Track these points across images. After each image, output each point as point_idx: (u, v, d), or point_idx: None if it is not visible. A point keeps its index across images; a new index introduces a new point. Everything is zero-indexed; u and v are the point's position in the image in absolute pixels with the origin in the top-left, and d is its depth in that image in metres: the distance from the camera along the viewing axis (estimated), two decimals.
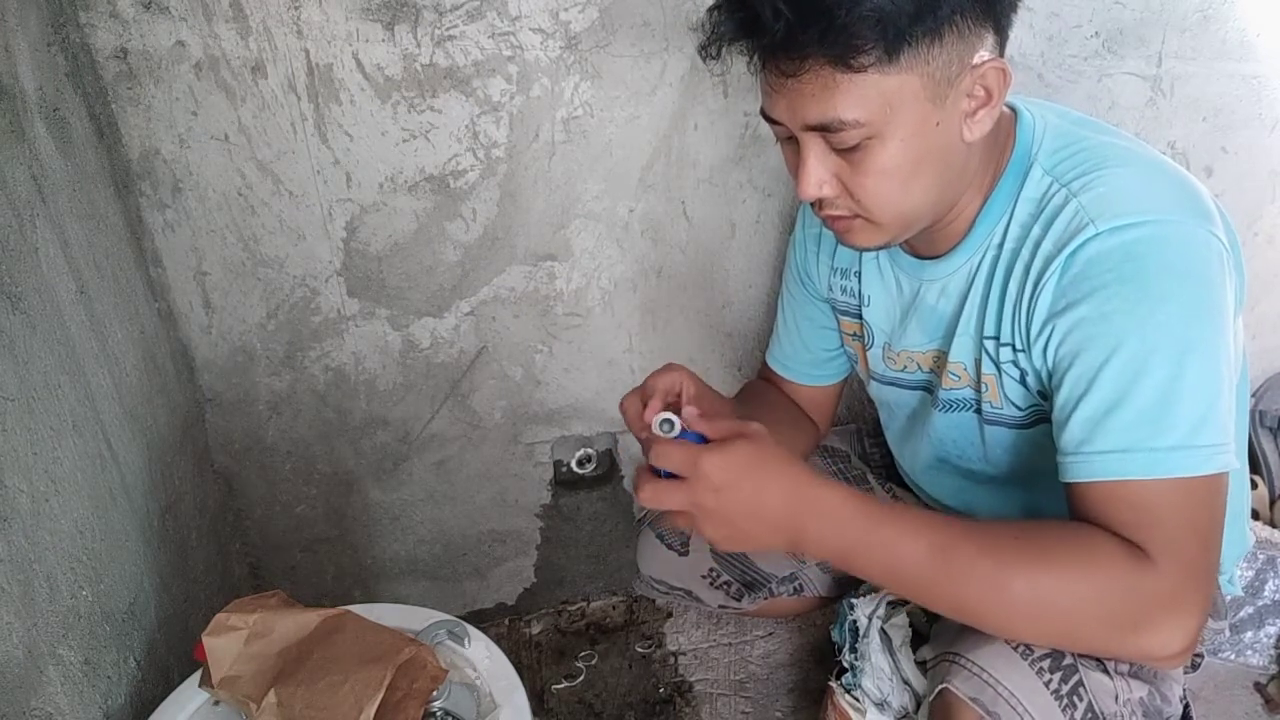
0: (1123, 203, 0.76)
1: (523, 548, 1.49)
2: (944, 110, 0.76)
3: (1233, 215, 1.43)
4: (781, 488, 0.73)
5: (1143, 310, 0.74)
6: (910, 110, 0.75)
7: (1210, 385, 0.74)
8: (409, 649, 0.86)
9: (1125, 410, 0.74)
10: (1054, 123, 0.86)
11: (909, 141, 0.77)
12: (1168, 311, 0.74)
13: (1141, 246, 0.74)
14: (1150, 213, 0.75)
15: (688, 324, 1.34)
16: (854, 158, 0.78)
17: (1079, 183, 0.80)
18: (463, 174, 1.14)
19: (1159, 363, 0.73)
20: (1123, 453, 0.74)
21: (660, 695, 1.42)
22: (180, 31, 0.99)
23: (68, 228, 0.91)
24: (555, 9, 1.07)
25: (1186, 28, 1.27)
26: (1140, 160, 0.81)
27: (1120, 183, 0.78)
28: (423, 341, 1.25)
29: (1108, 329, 0.75)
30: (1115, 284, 0.75)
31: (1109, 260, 0.75)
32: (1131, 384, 0.74)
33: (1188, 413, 0.73)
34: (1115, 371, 0.74)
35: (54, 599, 0.81)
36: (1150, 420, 0.73)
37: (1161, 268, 0.74)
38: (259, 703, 0.83)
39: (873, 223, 0.83)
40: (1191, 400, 0.73)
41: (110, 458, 0.95)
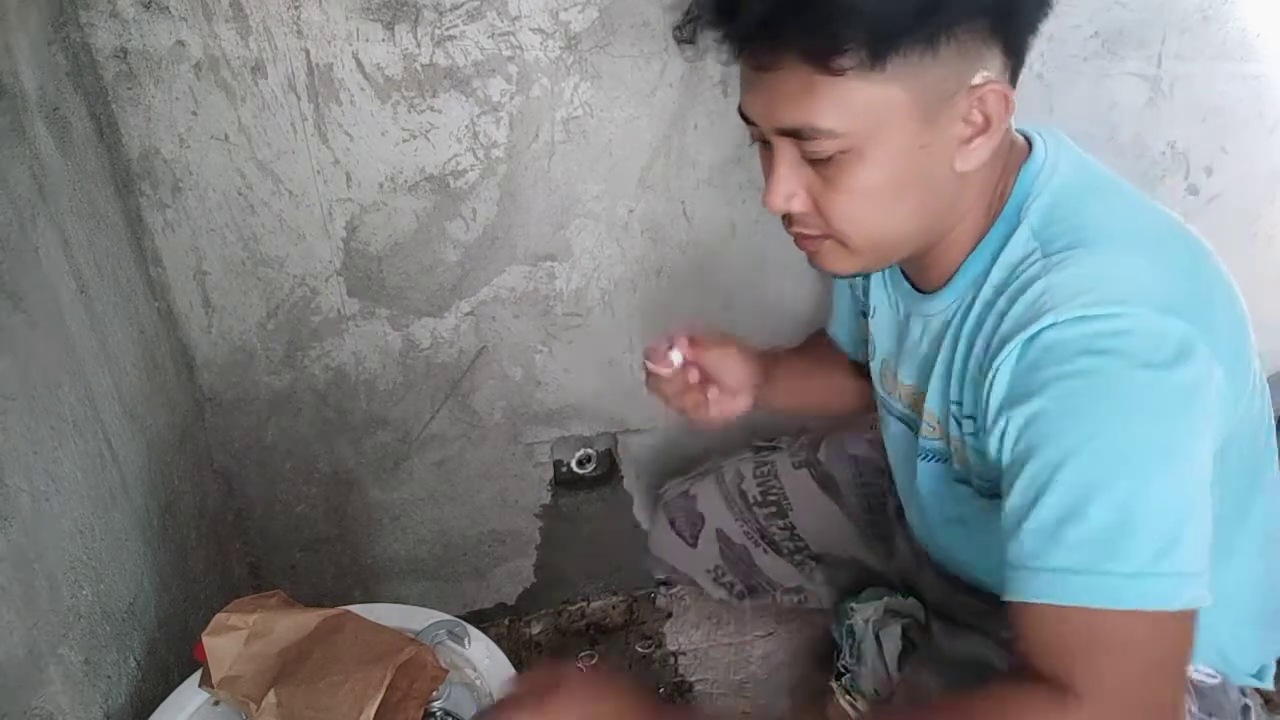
0: (1091, 290, 0.67)
1: (523, 548, 1.49)
2: (933, 132, 0.69)
3: (1233, 215, 1.45)
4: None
5: (1102, 413, 0.65)
6: (894, 127, 0.68)
7: (1179, 503, 0.65)
8: (409, 649, 0.86)
9: (1080, 525, 0.64)
10: (1063, 174, 0.76)
11: (890, 162, 0.70)
12: (1130, 418, 0.65)
13: (1103, 341, 0.65)
14: (1116, 304, 0.66)
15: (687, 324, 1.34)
16: (828, 172, 0.71)
17: (1057, 257, 0.71)
18: (463, 174, 1.14)
19: (1120, 474, 0.64)
20: (1072, 573, 0.64)
21: (660, 695, 1.42)
22: (180, 31, 0.99)
23: (68, 227, 0.91)
24: (555, 9, 1.07)
25: (1186, 28, 1.27)
26: (1130, 239, 0.72)
27: (1096, 266, 0.69)
28: (423, 341, 1.25)
29: (1063, 429, 0.66)
30: (1072, 378, 0.66)
31: (1066, 351, 0.66)
32: (1088, 496, 0.64)
33: (1152, 534, 0.63)
34: (1070, 479, 0.65)
35: (54, 598, 0.81)
36: (1108, 539, 0.64)
37: (1124, 367, 0.65)
38: (259, 703, 0.83)
39: (844, 246, 0.76)
40: (1156, 520, 0.64)
41: (110, 458, 0.95)
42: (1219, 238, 1.51)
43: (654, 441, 1.44)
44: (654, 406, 1.40)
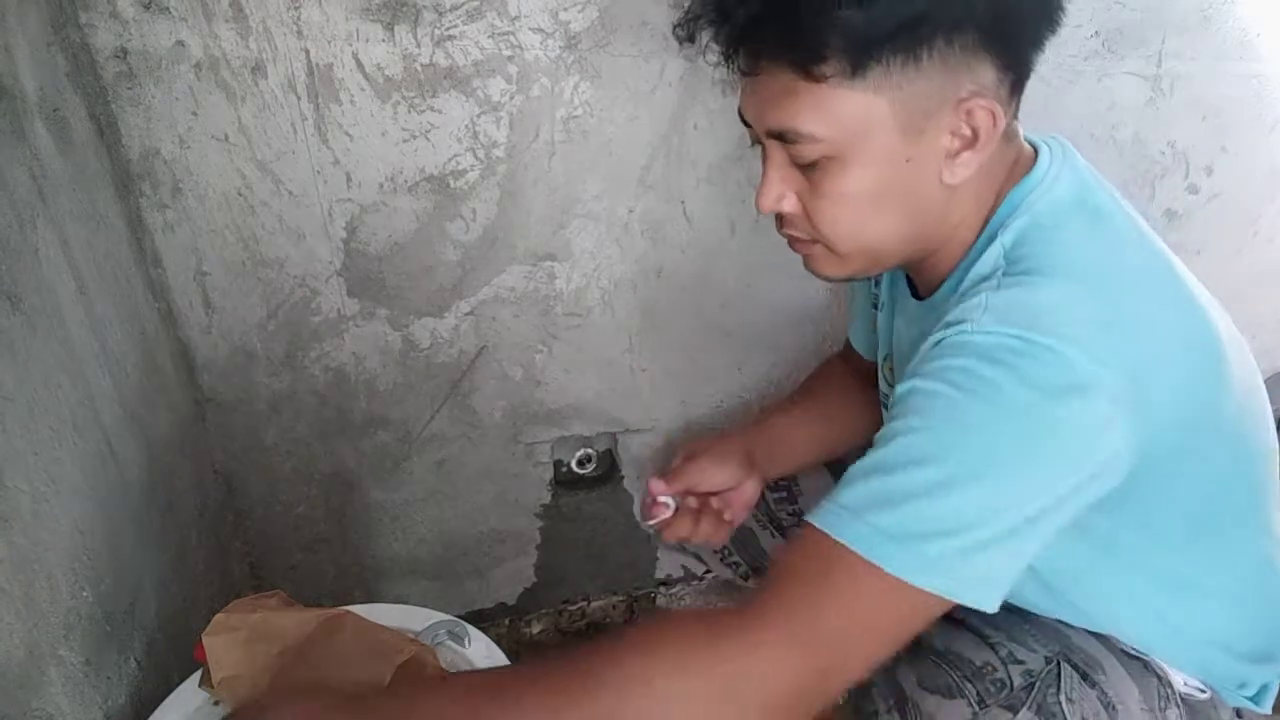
0: (1017, 314, 0.67)
1: (523, 548, 1.49)
2: (918, 145, 0.70)
3: (1233, 215, 1.45)
4: None
5: (969, 409, 0.65)
6: (876, 136, 0.69)
7: (988, 514, 0.64)
8: (409, 649, 0.86)
9: (884, 480, 0.66)
10: (1056, 194, 0.75)
11: (873, 170, 0.70)
12: (992, 424, 0.65)
13: (1000, 354, 0.65)
14: (1031, 330, 0.65)
15: (688, 324, 1.34)
16: (814, 177, 0.73)
17: (1013, 280, 0.70)
18: (463, 174, 1.14)
19: (951, 463, 0.64)
20: (848, 511, 0.65)
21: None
22: (180, 31, 0.99)
23: (68, 228, 0.91)
24: (555, 9, 1.07)
25: (1186, 28, 1.27)
26: (1091, 274, 0.70)
27: (1037, 295, 0.68)
28: (423, 341, 1.25)
29: (928, 408, 0.67)
30: (959, 373, 0.66)
31: (965, 351, 0.67)
32: (910, 463, 0.65)
33: (943, 519, 0.63)
34: (905, 445, 0.66)
35: (55, 599, 0.81)
36: (897, 499, 0.64)
37: (1009, 381, 0.64)
38: None
39: (832, 252, 0.77)
40: (956, 510, 0.63)
41: (110, 458, 0.95)
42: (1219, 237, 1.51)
43: (654, 441, 1.44)
44: (654, 406, 1.40)
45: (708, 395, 1.41)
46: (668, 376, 1.38)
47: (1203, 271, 0.84)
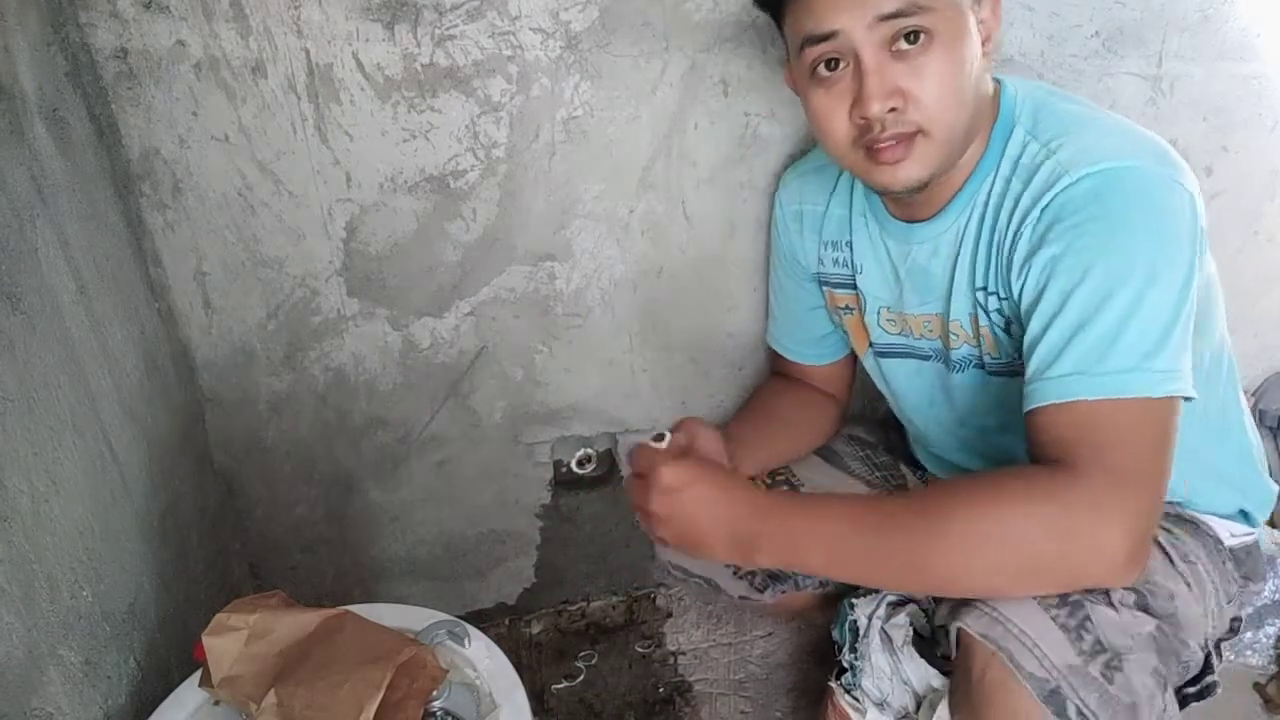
0: (1094, 152, 0.80)
1: (523, 548, 1.49)
2: (972, 21, 0.83)
3: (1233, 215, 1.45)
4: (722, 495, 0.82)
5: (1109, 241, 0.78)
6: (963, 8, 0.83)
7: (1167, 314, 0.77)
8: (409, 649, 0.86)
9: (1085, 336, 0.77)
10: (1030, 91, 0.91)
11: (958, 43, 0.82)
12: (1132, 242, 0.77)
13: (1110, 184, 0.78)
14: (1119, 158, 0.79)
15: (688, 324, 1.34)
16: (917, 61, 0.81)
17: (1056, 141, 0.84)
18: (463, 174, 1.14)
19: (1121, 290, 0.76)
20: (1075, 375, 0.77)
21: (660, 695, 1.42)
22: (180, 31, 0.99)
23: (68, 228, 0.91)
24: (555, 9, 1.07)
25: (1186, 28, 1.27)
26: (1110, 121, 0.86)
27: (1092, 138, 0.83)
28: (423, 341, 1.25)
29: (1076, 261, 0.79)
30: (1085, 221, 0.79)
31: (1079, 201, 0.79)
32: (1095, 311, 0.77)
33: (1142, 338, 0.76)
34: (1081, 299, 0.78)
35: (54, 599, 0.81)
36: (1105, 344, 0.76)
37: (1128, 203, 0.78)
38: (259, 703, 0.83)
39: (932, 138, 0.84)
40: (1147, 326, 0.76)
41: (110, 458, 0.95)
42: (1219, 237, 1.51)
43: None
44: (654, 406, 1.40)
45: (708, 395, 1.41)
46: (668, 376, 1.38)
47: None
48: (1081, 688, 0.74)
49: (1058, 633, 0.76)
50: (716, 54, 1.14)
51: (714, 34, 1.13)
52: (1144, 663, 0.77)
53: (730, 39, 1.14)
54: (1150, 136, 0.85)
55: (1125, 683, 0.75)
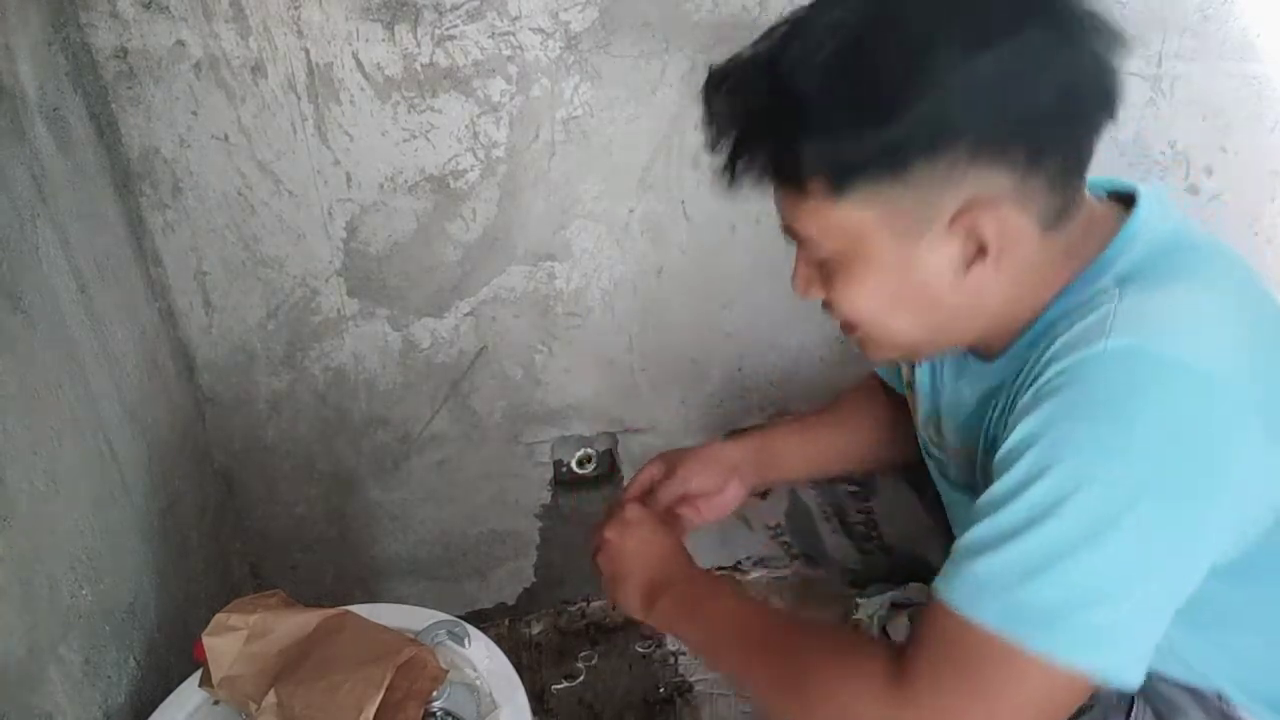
0: (1160, 320, 0.62)
1: (523, 548, 1.49)
2: (920, 249, 0.65)
3: (1233, 215, 1.44)
4: (661, 548, 0.86)
5: (1105, 448, 0.59)
6: (871, 245, 0.66)
7: (1130, 577, 0.59)
8: (409, 649, 0.86)
9: (1016, 545, 0.60)
10: (1163, 230, 0.69)
11: (875, 277, 0.68)
12: (1130, 469, 0.59)
13: (1145, 376, 0.59)
14: (1183, 344, 0.60)
15: (688, 324, 1.34)
16: (828, 273, 0.71)
17: (1135, 286, 0.64)
18: (463, 174, 1.14)
19: (1083, 514, 0.59)
20: (976, 584, 0.61)
21: (660, 695, 1.42)
22: (180, 31, 0.99)
23: (68, 227, 0.91)
24: (555, 9, 1.07)
25: (1186, 28, 1.27)
26: (1230, 291, 0.65)
27: (1176, 300, 0.63)
28: (423, 341, 1.25)
29: (1052, 445, 0.61)
30: (1090, 405, 0.61)
31: (1101, 374, 0.61)
32: (1040, 519, 0.60)
33: (1081, 588, 0.59)
34: (1033, 498, 0.61)
35: (54, 599, 0.81)
36: (1032, 568, 0.59)
37: (1153, 416, 0.59)
38: (259, 703, 0.83)
39: (874, 339, 0.74)
40: (1098, 576, 0.59)
41: (110, 458, 0.95)
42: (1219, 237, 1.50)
43: (654, 441, 1.43)
44: (654, 406, 1.40)
45: (708, 395, 1.41)
46: (668, 376, 1.38)
47: None
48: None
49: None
50: (716, 54, 1.13)
51: (714, 34, 1.13)
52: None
53: (730, 39, 1.13)
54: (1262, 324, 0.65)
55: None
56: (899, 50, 0.60)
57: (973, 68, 0.59)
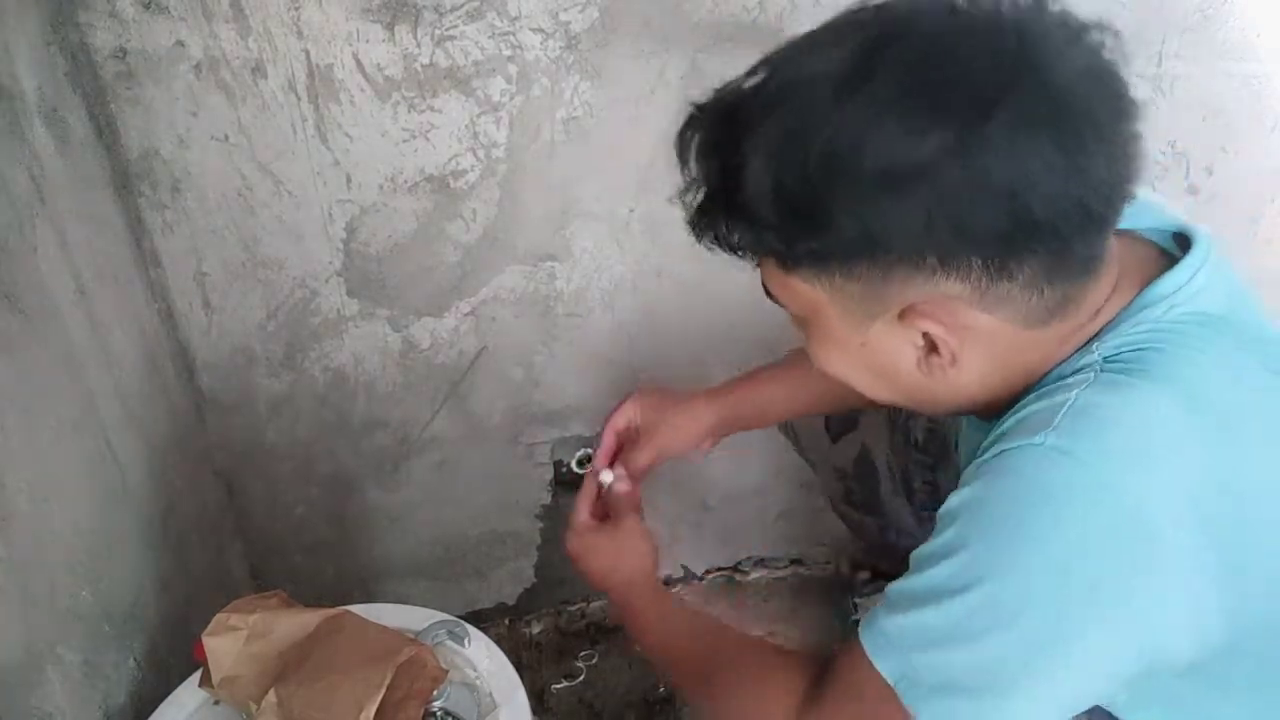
0: (1105, 428, 0.59)
1: (523, 548, 1.49)
2: (870, 336, 0.65)
3: (1233, 215, 1.44)
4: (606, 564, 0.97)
5: (1005, 548, 0.60)
6: (826, 321, 0.66)
7: (1011, 682, 0.60)
8: (409, 649, 0.86)
9: (920, 612, 0.62)
10: (1182, 302, 0.64)
11: (835, 346, 0.68)
12: (1025, 577, 0.59)
13: (1068, 488, 0.58)
14: (1116, 466, 0.58)
15: (688, 324, 1.34)
16: (802, 329, 0.71)
17: (1109, 375, 0.62)
18: (463, 174, 1.14)
19: (977, 607, 0.60)
20: (886, 635, 0.64)
21: (660, 695, 1.42)
22: (180, 31, 0.99)
23: (67, 228, 0.90)
24: (555, 9, 1.07)
25: (1186, 28, 1.27)
26: (1199, 404, 0.60)
27: (1131, 412, 0.60)
28: (423, 342, 1.25)
29: (969, 526, 0.61)
30: (1010, 501, 0.60)
31: (1029, 471, 0.60)
32: (943, 595, 0.61)
33: (975, 673, 0.61)
34: (944, 572, 0.61)
35: (54, 599, 0.81)
36: (928, 640, 0.62)
37: (1062, 533, 0.58)
38: (259, 703, 0.83)
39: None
40: (990, 670, 0.60)
41: (110, 458, 0.95)
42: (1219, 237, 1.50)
43: None
44: None
45: None
46: (668, 376, 1.38)
47: None
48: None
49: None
50: (717, 54, 1.14)
51: (714, 34, 1.13)
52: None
53: (731, 39, 1.13)
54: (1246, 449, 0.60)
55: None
56: (827, 164, 0.57)
57: (899, 188, 0.56)
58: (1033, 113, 0.55)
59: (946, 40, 0.56)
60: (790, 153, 0.58)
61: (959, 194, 0.56)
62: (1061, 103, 0.56)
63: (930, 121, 0.55)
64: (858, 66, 0.56)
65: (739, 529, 1.57)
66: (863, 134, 0.56)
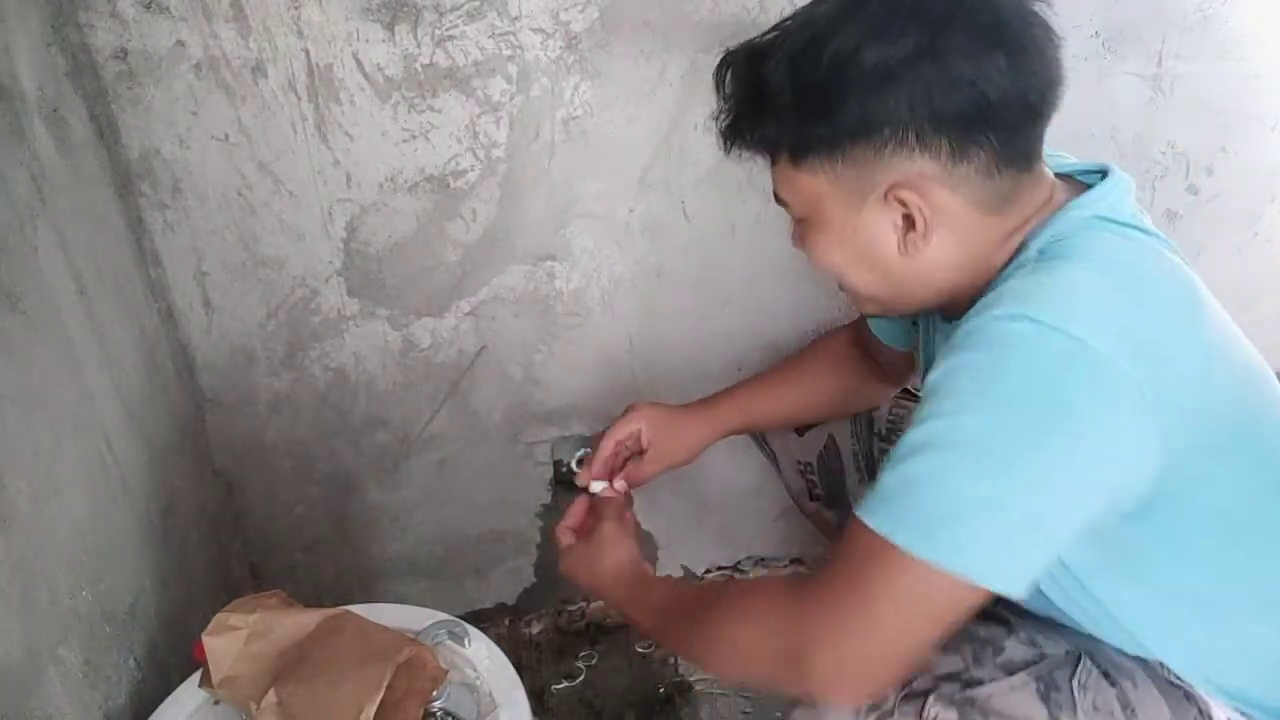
0: (1039, 296, 0.71)
1: (522, 547, 1.49)
2: (861, 219, 0.79)
3: (1233, 215, 1.44)
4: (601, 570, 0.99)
5: (982, 394, 0.69)
6: (826, 210, 0.80)
7: (995, 501, 0.67)
8: (409, 649, 0.86)
9: (906, 468, 0.70)
10: (1091, 213, 0.78)
11: (830, 236, 0.81)
12: (995, 412, 0.68)
13: (1013, 340, 0.69)
14: (1050, 313, 0.68)
15: (688, 324, 1.34)
16: (805, 231, 0.84)
17: (1045, 266, 0.75)
18: (463, 174, 1.14)
19: (957, 444, 0.68)
20: (875, 496, 0.71)
21: (660, 695, 1.42)
22: (180, 31, 0.99)
23: (67, 228, 0.91)
24: (555, 9, 1.07)
25: (1186, 28, 1.27)
26: (1119, 270, 0.74)
27: (1063, 278, 0.72)
28: (423, 341, 1.25)
29: (946, 393, 0.71)
30: (974, 360, 0.70)
31: (981, 337, 0.71)
32: (930, 450, 0.69)
33: (959, 503, 0.68)
34: (924, 431, 0.70)
35: (54, 599, 0.81)
36: (918, 486, 0.69)
37: (1021, 368, 0.68)
38: (259, 703, 0.83)
39: (851, 293, 0.86)
40: (973, 499, 0.68)
41: (110, 458, 0.95)
42: (1219, 237, 1.51)
43: None
44: None
45: (707, 395, 1.41)
46: (667, 376, 1.38)
47: (1203, 272, 0.84)
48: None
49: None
50: (716, 54, 1.14)
51: (714, 34, 1.13)
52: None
53: (731, 39, 1.13)
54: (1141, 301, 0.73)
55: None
56: (836, 62, 0.73)
57: (891, 77, 0.72)
58: (985, 28, 0.73)
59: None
60: (807, 58, 0.75)
61: (932, 82, 0.72)
62: (1005, 23, 0.74)
63: (910, 32, 0.72)
64: (855, 2, 0.74)
65: (739, 528, 1.57)
66: (861, 41, 0.72)
